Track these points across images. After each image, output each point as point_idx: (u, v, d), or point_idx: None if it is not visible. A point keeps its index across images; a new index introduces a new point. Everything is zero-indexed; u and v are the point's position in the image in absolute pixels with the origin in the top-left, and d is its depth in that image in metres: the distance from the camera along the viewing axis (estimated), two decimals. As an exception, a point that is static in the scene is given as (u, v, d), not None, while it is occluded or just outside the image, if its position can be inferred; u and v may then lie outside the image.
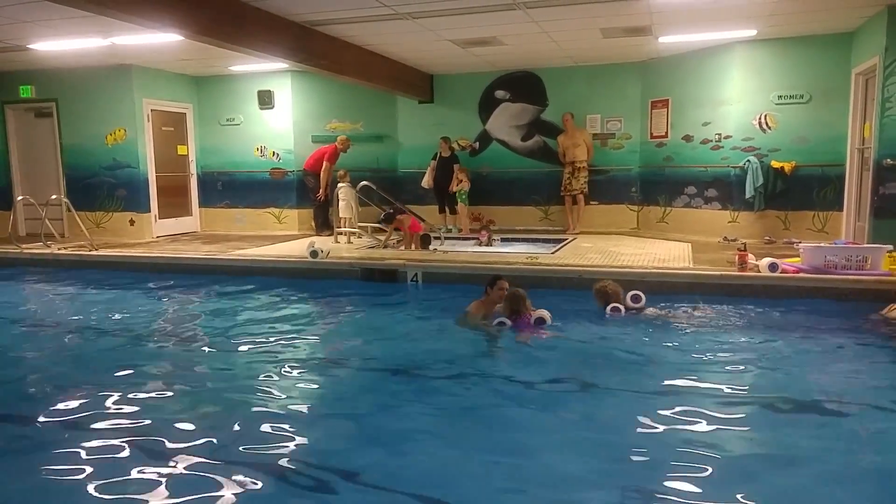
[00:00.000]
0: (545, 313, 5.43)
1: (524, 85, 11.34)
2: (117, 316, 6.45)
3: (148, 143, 10.95)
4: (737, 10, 7.46)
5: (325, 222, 10.73)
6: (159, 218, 11.21)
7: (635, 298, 5.96)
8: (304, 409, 4.05)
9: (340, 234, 9.88)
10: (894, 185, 7.48)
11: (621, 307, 5.89)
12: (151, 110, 10.99)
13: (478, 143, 11.73)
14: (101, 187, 11.01)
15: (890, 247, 6.59)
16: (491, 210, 11.48)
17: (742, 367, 4.62)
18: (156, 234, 11.01)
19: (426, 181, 11.23)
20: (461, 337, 5.45)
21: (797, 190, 9.13)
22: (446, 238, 9.80)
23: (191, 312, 6.70)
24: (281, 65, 9.76)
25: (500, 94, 11.50)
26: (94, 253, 9.15)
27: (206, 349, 5.37)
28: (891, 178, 7.48)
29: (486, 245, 9.35)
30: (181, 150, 11.82)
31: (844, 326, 5.50)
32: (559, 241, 9.54)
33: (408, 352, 5.22)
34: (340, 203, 9.96)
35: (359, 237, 9.82)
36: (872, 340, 5.17)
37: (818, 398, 4.00)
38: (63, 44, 8.67)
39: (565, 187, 10.67)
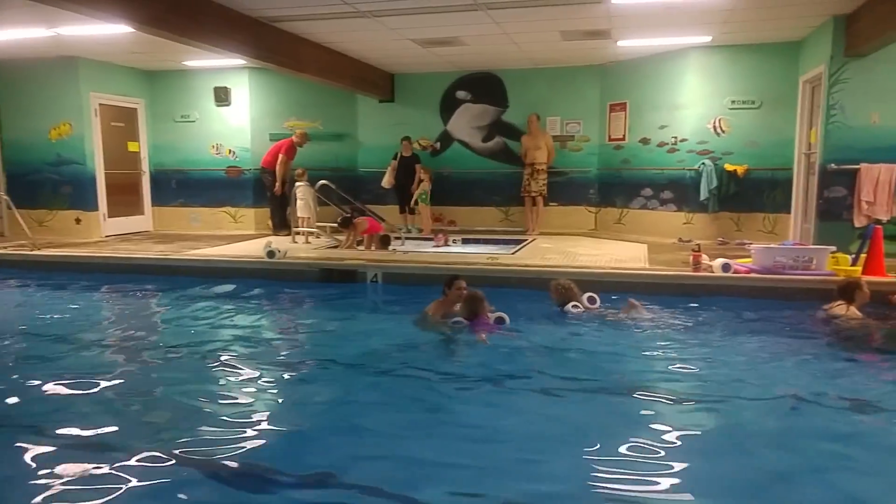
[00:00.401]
0: (504, 315, 5.46)
1: (485, 86, 11.37)
2: (61, 318, 6.17)
3: (96, 138, 10.59)
4: (692, 16, 7.62)
5: (282, 222, 10.53)
6: (108, 217, 10.85)
7: (591, 300, 6.00)
8: (260, 409, 3.95)
9: (298, 233, 9.73)
10: (837, 189, 7.75)
11: (581, 305, 5.93)
12: (99, 105, 10.63)
13: (439, 144, 11.70)
14: (44, 184, 10.59)
15: (833, 248, 6.81)
16: (452, 210, 11.48)
17: (695, 365, 4.69)
18: (105, 234, 10.64)
19: (386, 181, 11.13)
20: (420, 337, 5.41)
21: (749, 192, 9.37)
22: (406, 238, 9.74)
23: (141, 315, 6.48)
24: (238, 61, 9.54)
25: (461, 94, 11.50)
26: (36, 252, 8.76)
27: (158, 352, 5.19)
28: (834, 182, 7.74)
29: (444, 246, 9.32)
30: (132, 146, 11.48)
31: (792, 324, 5.66)
32: (519, 241, 9.58)
33: (366, 352, 5.12)
34: (298, 202, 9.82)
35: (317, 237, 9.68)
36: (817, 337, 5.34)
37: (767, 393, 4.08)
38: (3, 34, 8.30)
39: (525, 188, 10.71)
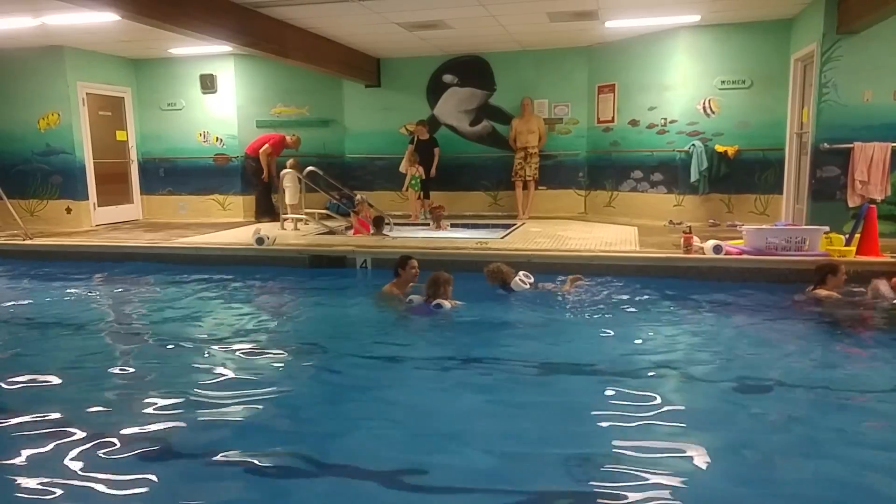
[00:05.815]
0: (445, 302, 5.49)
1: (472, 69, 11.27)
2: (55, 307, 6.18)
3: (84, 127, 10.52)
4: (680, -5, 7.56)
5: (268, 209, 10.54)
6: (98, 206, 10.81)
7: (526, 276, 6.10)
8: (244, 394, 3.94)
9: (287, 220, 9.70)
10: (831, 169, 7.72)
11: (525, 281, 6.02)
12: (86, 94, 10.55)
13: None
14: (34, 174, 10.55)
15: (826, 228, 6.80)
16: (440, 196, 11.41)
17: (684, 346, 4.71)
18: (95, 223, 10.62)
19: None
20: (392, 320, 5.53)
21: (740, 173, 9.33)
22: (406, 224, 9.73)
23: (133, 302, 6.48)
24: (223, 48, 9.46)
25: (447, 78, 11.40)
26: (28, 242, 8.73)
27: (150, 339, 5.19)
28: (827, 161, 7.72)
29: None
30: (120, 135, 11.41)
31: (783, 305, 5.67)
32: (508, 226, 9.56)
33: (353, 336, 5.19)
34: (286, 189, 9.78)
35: (305, 223, 9.66)
36: (809, 318, 5.36)
37: (755, 375, 4.09)
38: (-12, 23, 8.21)
39: (516, 173, 10.64)
